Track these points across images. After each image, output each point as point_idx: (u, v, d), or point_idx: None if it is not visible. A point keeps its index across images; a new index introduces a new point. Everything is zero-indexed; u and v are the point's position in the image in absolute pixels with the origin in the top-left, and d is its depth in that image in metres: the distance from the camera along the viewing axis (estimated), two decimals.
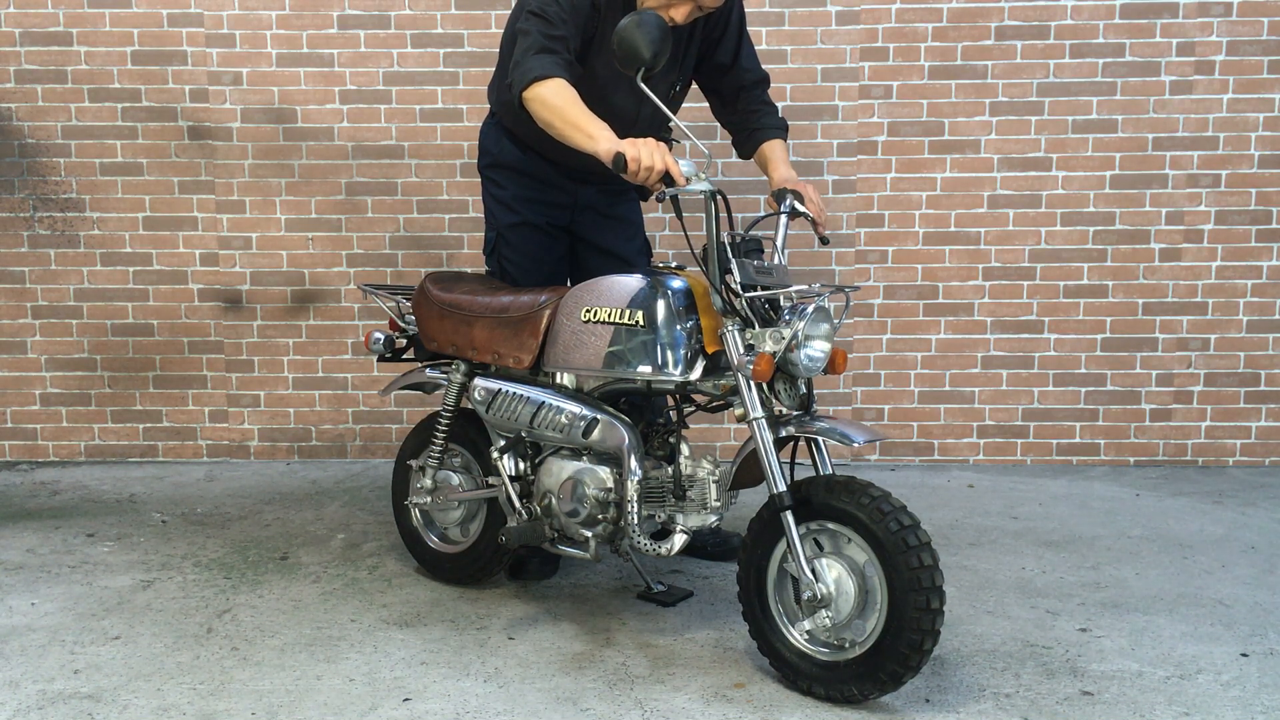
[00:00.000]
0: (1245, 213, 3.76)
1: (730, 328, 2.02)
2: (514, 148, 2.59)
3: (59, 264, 3.87)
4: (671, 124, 2.57)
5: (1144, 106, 3.73)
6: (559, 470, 2.27)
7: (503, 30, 2.58)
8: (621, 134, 2.14)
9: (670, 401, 2.38)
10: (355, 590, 2.56)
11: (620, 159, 1.96)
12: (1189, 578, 2.65)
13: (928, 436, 3.91)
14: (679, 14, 2.27)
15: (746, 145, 2.60)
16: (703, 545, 2.77)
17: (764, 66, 2.64)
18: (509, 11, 3.74)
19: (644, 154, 1.95)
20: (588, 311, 2.18)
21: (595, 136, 2.05)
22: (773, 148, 2.53)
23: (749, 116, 2.58)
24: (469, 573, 2.54)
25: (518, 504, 2.34)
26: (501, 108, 2.59)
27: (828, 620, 1.90)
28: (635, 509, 2.09)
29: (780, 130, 2.56)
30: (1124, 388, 3.85)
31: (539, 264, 2.64)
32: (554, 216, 2.63)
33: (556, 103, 2.12)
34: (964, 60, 3.74)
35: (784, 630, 1.99)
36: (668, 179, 1.98)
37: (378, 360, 2.78)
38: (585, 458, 2.25)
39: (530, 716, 1.90)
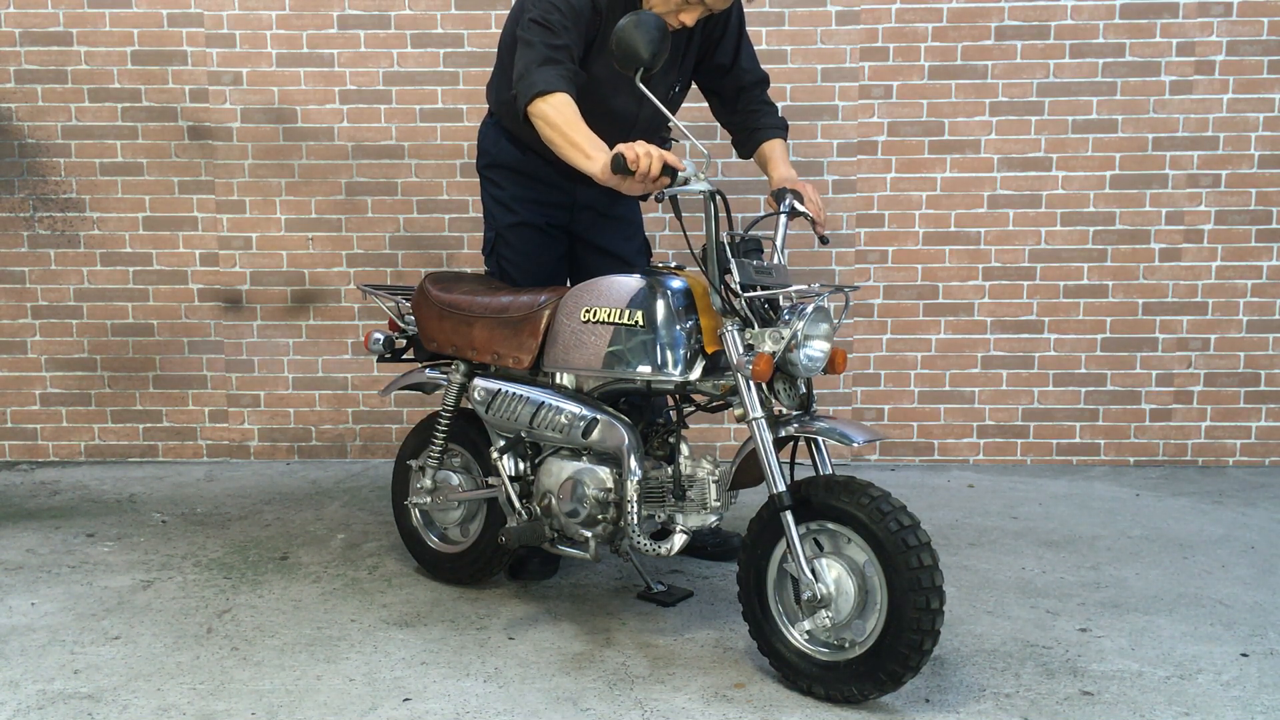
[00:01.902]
0: (1245, 213, 3.76)
1: (730, 328, 2.02)
2: (512, 148, 2.59)
3: (59, 264, 3.87)
4: (671, 125, 2.57)
5: (1144, 106, 3.73)
6: (559, 470, 2.27)
7: (501, 30, 2.58)
8: (622, 138, 2.15)
9: (670, 401, 2.38)
10: (355, 590, 2.56)
11: (619, 158, 1.96)
12: (1189, 578, 2.65)
13: (928, 436, 3.91)
14: (689, 17, 2.28)
15: (746, 145, 2.60)
16: (703, 545, 2.77)
17: (764, 66, 2.64)
18: (508, 11, 3.74)
19: (640, 148, 1.96)
20: (587, 311, 2.18)
21: (593, 157, 2.06)
22: (772, 147, 2.54)
23: (749, 116, 2.59)
24: (469, 573, 2.54)
25: (518, 504, 2.34)
26: (500, 108, 2.59)
27: (828, 620, 1.90)
28: (635, 509, 2.09)
29: (780, 130, 2.57)
30: (1124, 388, 3.85)
31: (538, 264, 2.64)
32: (553, 216, 2.63)
33: (558, 120, 2.13)
34: (964, 60, 3.74)
35: (784, 630, 1.99)
36: (668, 172, 1.97)
37: (378, 360, 2.79)
38: (585, 458, 2.25)
39: (530, 716, 1.90)
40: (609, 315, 2.14)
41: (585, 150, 2.08)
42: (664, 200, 2.02)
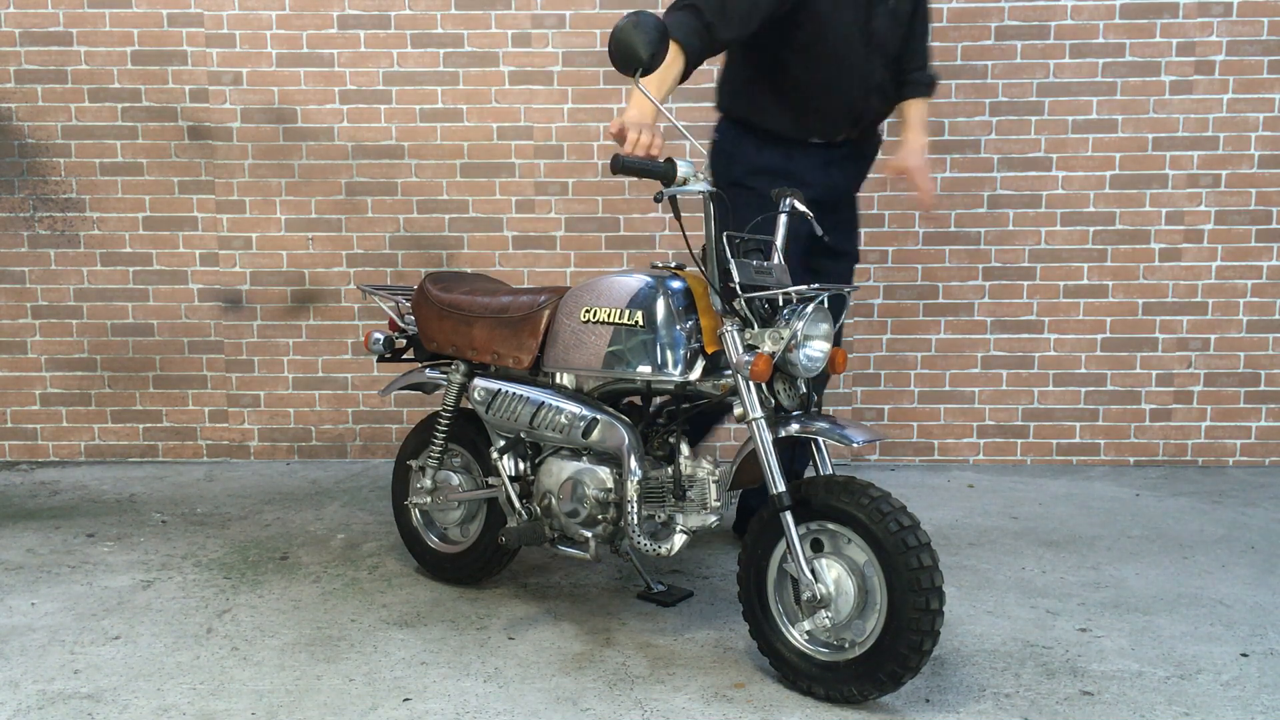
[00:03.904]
0: (1245, 213, 3.76)
1: (729, 328, 2.02)
2: (758, 148, 2.58)
3: (59, 264, 3.87)
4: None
5: (1144, 106, 3.73)
6: (559, 470, 2.27)
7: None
8: (849, 78, 2.37)
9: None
10: (355, 590, 2.56)
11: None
12: (1189, 578, 2.65)
13: (928, 436, 3.91)
14: None
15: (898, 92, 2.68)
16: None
17: None
18: (509, 11, 3.75)
19: (631, 132, 2.01)
20: (587, 311, 2.18)
21: (631, 104, 2.13)
22: (911, 108, 2.65)
23: (905, 58, 2.64)
24: (469, 573, 2.54)
25: (518, 504, 2.34)
26: (734, 102, 2.61)
27: (827, 620, 1.90)
28: (635, 509, 2.09)
29: (923, 87, 2.66)
30: (1124, 388, 3.85)
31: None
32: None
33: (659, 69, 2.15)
34: (964, 60, 3.73)
35: (784, 630, 1.99)
36: (661, 170, 1.97)
37: (377, 360, 2.79)
38: (585, 458, 2.25)
39: (530, 716, 1.90)
40: (609, 315, 2.14)
41: (638, 99, 2.14)
42: (663, 200, 2.01)
